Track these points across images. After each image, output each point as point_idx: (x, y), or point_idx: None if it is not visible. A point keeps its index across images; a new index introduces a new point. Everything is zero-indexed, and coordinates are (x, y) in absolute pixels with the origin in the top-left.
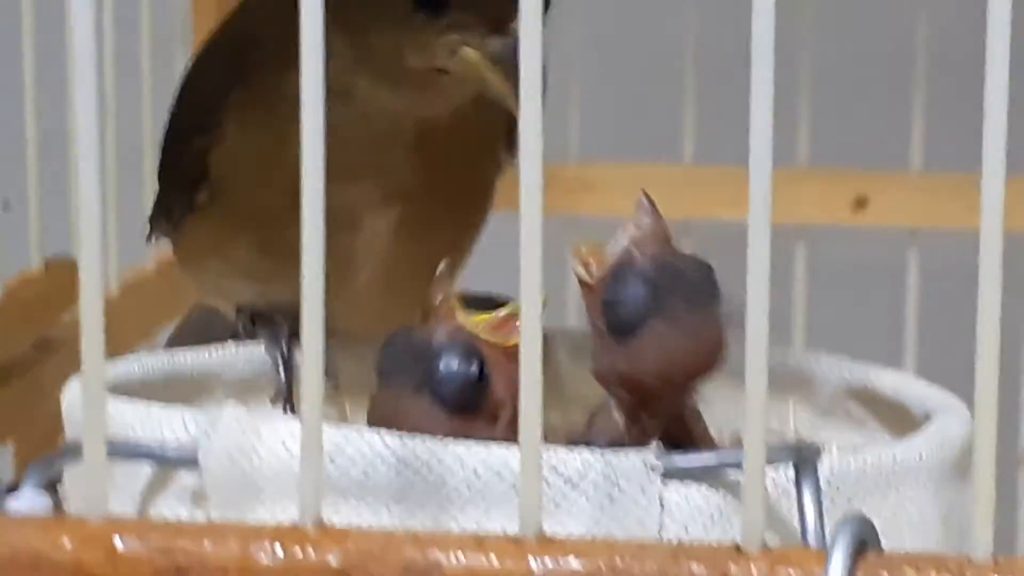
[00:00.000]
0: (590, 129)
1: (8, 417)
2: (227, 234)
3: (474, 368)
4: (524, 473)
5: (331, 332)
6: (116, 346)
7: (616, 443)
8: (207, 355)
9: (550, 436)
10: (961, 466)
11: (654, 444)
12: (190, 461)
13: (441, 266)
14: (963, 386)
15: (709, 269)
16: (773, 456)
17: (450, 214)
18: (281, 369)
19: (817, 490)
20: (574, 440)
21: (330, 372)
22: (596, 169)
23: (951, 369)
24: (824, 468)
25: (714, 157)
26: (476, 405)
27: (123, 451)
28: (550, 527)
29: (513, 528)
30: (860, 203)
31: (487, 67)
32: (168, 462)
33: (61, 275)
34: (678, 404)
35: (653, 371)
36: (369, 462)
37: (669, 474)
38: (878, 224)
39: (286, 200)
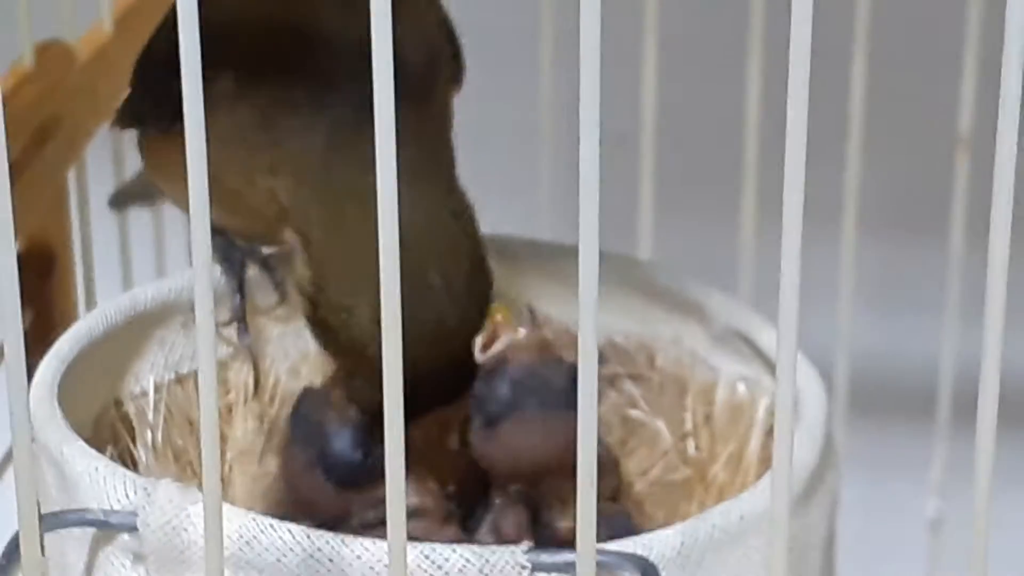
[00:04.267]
0: None
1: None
2: None
3: (358, 455)
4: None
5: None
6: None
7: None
8: (163, 286)
9: None
10: (806, 491)
11: (524, 542)
12: (130, 527)
13: None
14: None
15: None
16: (619, 564)
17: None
18: (236, 294)
19: None
20: None
21: (279, 285)
22: None
23: None
24: (669, 548)
25: None
26: (361, 483)
27: (73, 520)
28: None
29: None
30: None
31: None
32: (111, 528)
33: (54, 60)
34: (537, 492)
35: (502, 460)
36: (282, 551)
37: (539, 567)
38: None
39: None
